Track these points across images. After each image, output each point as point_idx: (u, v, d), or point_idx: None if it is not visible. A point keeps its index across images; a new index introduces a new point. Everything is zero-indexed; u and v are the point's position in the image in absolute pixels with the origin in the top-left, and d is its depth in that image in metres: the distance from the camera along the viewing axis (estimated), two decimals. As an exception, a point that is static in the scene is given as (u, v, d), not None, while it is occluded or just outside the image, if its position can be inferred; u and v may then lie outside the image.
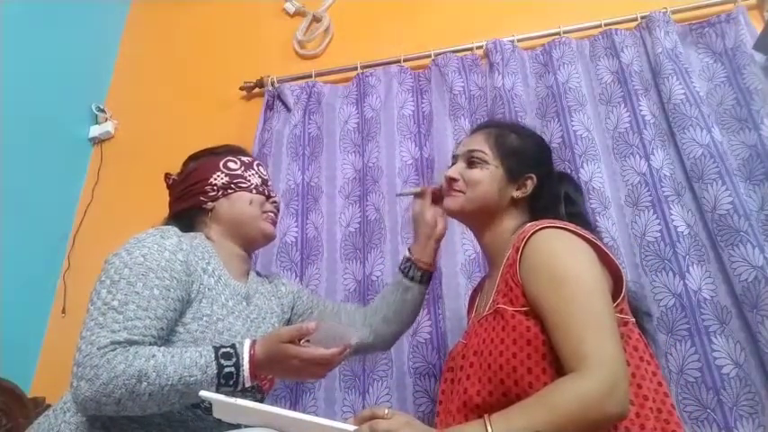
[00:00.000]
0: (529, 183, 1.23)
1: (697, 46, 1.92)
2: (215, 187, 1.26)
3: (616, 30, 1.96)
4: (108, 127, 2.39)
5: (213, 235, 1.25)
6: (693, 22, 1.96)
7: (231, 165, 1.29)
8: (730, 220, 1.53)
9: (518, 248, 1.06)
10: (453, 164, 1.29)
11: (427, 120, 2.01)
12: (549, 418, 0.85)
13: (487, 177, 1.21)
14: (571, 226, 1.08)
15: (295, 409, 1.10)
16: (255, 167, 1.32)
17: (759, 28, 1.80)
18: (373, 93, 2.09)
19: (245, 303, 1.22)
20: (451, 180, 1.25)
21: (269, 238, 1.32)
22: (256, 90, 2.29)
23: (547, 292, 0.99)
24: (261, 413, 0.91)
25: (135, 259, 1.06)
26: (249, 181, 1.28)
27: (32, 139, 2.12)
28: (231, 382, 1.01)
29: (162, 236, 1.12)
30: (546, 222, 1.08)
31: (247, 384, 1.02)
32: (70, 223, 2.23)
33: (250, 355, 1.02)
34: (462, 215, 1.27)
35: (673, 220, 1.61)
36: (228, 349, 1.02)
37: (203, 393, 0.93)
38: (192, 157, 1.35)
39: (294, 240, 1.91)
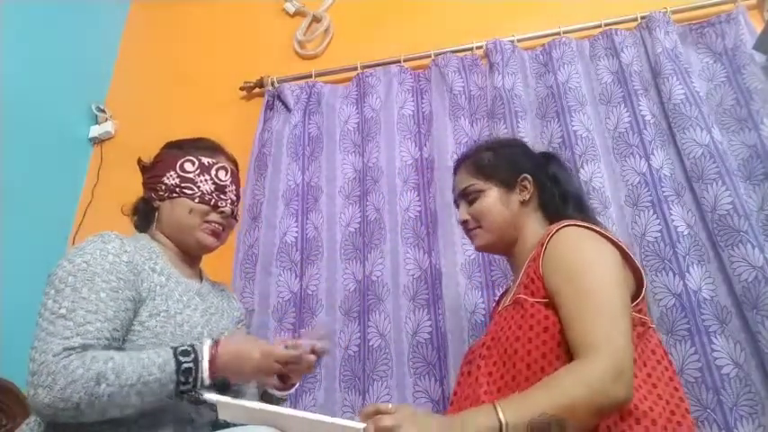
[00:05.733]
0: (527, 183, 1.26)
1: (697, 46, 1.92)
2: (164, 187, 1.24)
3: (616, 30, 1.96)
4: (108, 127, 2.39)
5: (158, 234, 1.25)
6: (693, 22, 1.95)
7: (187, 166, 1.25)
8: (730, 220, 1.53)
9: (542, 243, 1.09)
10: (459, 209, 1.34)
11: (427, 120, 2.01)
12: (556, 401, 0.87)
13: (489, 202, 1.25)
14: (597, 227, 1.11)
15: (295, 409, 1.09)
16: (213, 172, 1.26)
17: (759, 28, 1.80)
18: (373, 93, 2.09)
19: (198, 299, 1.22)
20: (463, 223, 1.30)
21: (206, 250, 1.27)
22: (256, 90, 2.29)
23: (565, 283, 1.01)
24: (266, 413, 0.91)
25: (78, 266, 1.05)
26: (197, 188, 1.23)
27: (32, 138, 2.12)
28: (190, 379, 1.01)
29: (103, 240, 1.11)
30: (572, 221, 1.12)
31: (206, 380, 1.02)
32: (70, 223, 2.23)
33: (211, 352, 1.03)
34: (491, 247, 1.29)
35: (673, 220, 1.61)
36: (187, 348, 1.03)
37: (207, 396, 0.94)
38: (167, 145, 1.33)
39: (294, 240, 1.91)
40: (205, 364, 1.02)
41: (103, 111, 2.41)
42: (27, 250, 2.00)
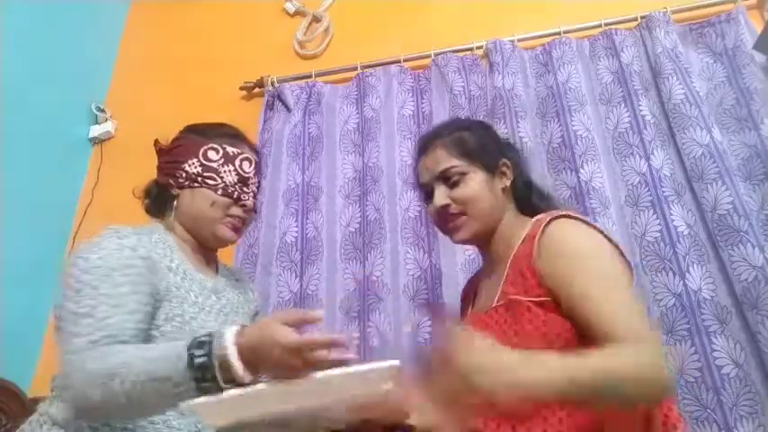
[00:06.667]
0: (506, 169, 1.19)
1: (697, 46, 1.92)
2: (185, 175, 1.18)
3: (616, 30, 1.96)
4: (108, 127, 2.39)
5: (174, 223, 1.19)
6: (693, 22, 1.96)
7: (211, 154, 1.19)
8: (730, 220, 1.53)
9: (533, 236, 1.03)
10: (428, 194, 1.18)
11: (427, 120, 2.01)
12: (604, 377, 0.82)
13: (476, 187, 1.13)
14: (587, 219, 1.08)
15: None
16: (238, 162, 1.20)
17: (759, 28, 1.80)
18: (373, 93, 2.09)
19: (214, 297, 1.18)
20: (443, 208, 1.14)
21: (224, 244, 1.22)
22: (256, 90, 2.29)
23: (572, 270, 0.96)
24: (260, 396, 0.80)
25: (93, 263, 1.01)
26: (221, 179, 1.18)
27: (32, 139, 2.12)
28: (209, 376, 0.84)
29: (118, 236, 1.07)
30: (563, 212, 1.07)
31: (240, 374, 0.83)
32: (70, 223, 2.23)
33: (237, 343, 0.84)
34: (473, 238, 1.16)
35: (673, 220, 1.61)
36: (204, 338, 0.87)
37: (184, 406, 0.82)
38: (187, 128, 1.28)
39: (294, 240, 1.91)
40: (233, 357, 0.83)
41: (103, 111, 2.41)
42: (27, 250, 2.00)
